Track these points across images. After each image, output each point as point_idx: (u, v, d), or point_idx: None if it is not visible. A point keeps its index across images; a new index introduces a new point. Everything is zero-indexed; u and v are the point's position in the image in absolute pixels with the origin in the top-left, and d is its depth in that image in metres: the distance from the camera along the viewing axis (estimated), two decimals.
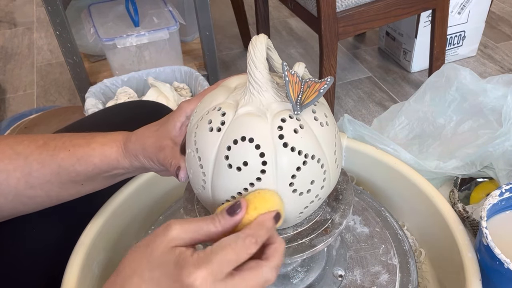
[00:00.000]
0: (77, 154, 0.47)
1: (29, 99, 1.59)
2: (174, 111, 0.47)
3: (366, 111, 1.43)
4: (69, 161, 0.47)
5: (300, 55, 1.75)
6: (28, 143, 0.47)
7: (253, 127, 0.39)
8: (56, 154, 0.47)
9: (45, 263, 0.54)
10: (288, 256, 0.43)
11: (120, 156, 0.47)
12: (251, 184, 0.39)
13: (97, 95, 1.17)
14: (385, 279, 0.53)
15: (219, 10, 2.04)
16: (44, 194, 0.48)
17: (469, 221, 0.63)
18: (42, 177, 0.47)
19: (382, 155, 0.66)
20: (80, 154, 0.47)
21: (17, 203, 0.48)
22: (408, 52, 1.54)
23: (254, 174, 0.38)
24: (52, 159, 0.47)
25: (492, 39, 1.74)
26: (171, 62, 1.32)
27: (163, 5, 1.34)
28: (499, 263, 0.44)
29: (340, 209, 0.47)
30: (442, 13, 1.28)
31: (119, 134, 0.48)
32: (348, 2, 1.13)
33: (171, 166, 0.43)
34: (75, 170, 0.47)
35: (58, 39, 1.15)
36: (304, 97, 0.40)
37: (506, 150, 0.69)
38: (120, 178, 0.51)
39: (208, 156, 0.40)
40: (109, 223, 0.59)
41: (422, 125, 0.83)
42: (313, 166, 0.40)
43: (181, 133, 0.47)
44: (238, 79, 0.45)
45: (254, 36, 0.41)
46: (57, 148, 0.47)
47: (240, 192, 0.39)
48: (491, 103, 0.78)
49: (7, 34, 2.02)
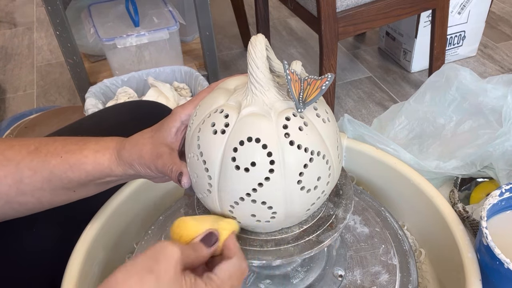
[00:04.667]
0: (70, 161, 0.46)
1: (29, 99, 1.59)
2: (168, 117, 0.47)
3: (366, 111, 1.43)
4: (61, 168, 0.46)
5: (300, 55, 1.75)
6: (19, 148, 0.46)
7: (258, 127, 0.39)
8: (48, 161, 0.46)
9: (45, 263, 0.54)
10: (297, 254, 0.43)
11: (113, 164, 0.46)
12: (260, 184, 0.39)
13: (97, 95, 1.17)
14: (385, 279, 0.53)
15: (219, 10, 2.04)
16: (35, 201, 0.47)
17: (469, 221, 0.63)
18: (33, 184, 0.46)
19: (382, 155, 0.66)
20: (72, 161, 0.46)
21: (7, 209, 0.47)
22: (408, 52, 1.54)
23: (262, 174, 0.38)
24: (44, 166, 0.46)
25: (492, 39, 1.73)
26: (171, 62, 1.32)
27: (163, 5, 1.34)
28: (499, 263, 0.44)
29: (342, 203, 0.48)
30: (442, 13, 1.28)
31: (112, 141, 0.47)
32: (348, 2, 1.13)
33: (172, 172, 0.43)
34: (67, 177, 0.46)
35: (58, 39, 1.15)
36: (305, 95, 0.40)
37: (506, 150, 0.69)
38: (112, 184, 0.50)
39: (213, 159, 0.40)
40: (109, 223, 0.59)
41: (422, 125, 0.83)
42: (319, 162, 0.40)
43: (177, 139, 0.46)
44: (236, 81, 0.45)
45: (253, 36, 0.41)
46: (49, 154, 0.46)
47: (248, 193, 0.39)
48: (491, 103, 0.78)
49: (7, 34, 2.02)
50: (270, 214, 0.41)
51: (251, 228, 0.45)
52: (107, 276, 0.32)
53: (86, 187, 0.49)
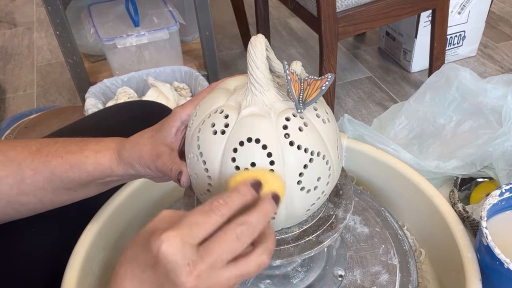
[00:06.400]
0: (70, 161, 0.46)
1: (29, 99, 1.59)
2: (168, 117, 0.47)
3: (366, 111, 1.43)
4: (62, 168, 0.46)
5: (300, 55, 1.75)
6: (21, 149, 0.47)
7: (258, 128, 0.39)
8: (48, 161, 0.46)
9: (45, 263, 0.54)
10: (297, 254, 0.43)
11: (114, 164, 0.46)
12: None
13: (97, 95, 1.17)
14: (385, 279, 0.53)
15: (219, 10, 2.04)
16: (37, 201, 0.48)
17: (469, 221, 0.63)
18: (34, 184, 0.46)
19: (382, 155, 0.66)
20: (73, 161, 0.46)
21: (8, 209, 0.47)
22: (408, 52, 1.54)
23: None
24: (45, 166, 0.46)
25: (492, 39, 1.73)
26: (171, 62, 1.32)
27: (163, 5, 1.34)
28: (499, 263, 0.45)
29: (342, 204, 0.48)
30: (442, 13, 1.28)
31: (113, 142, 0.48)
32: (348, 2, 1.13)
33: (172, 171, 0.43)
34: (68, 177, 0.46)
35: (58, 39, 1.15)
36: (305, 95, 0.40)
37: (506, 150, 0.69)
38: (113, 184, 0.51)
39: (213, 160, 0.40)
40: (109, 223, 0.59)
41: (422, 125, 0.83)
42: (319, 163, 0.40)
43: (177, 139, 0.46)
44: (236, 81, 0.45)
45: (253, 37, 0.41)
46: (50, 154, 0.46)
47: None
48: (491, 103, 0.78)
49: (7, 34, 2.02)
50: None
51: None
52: (107, 276, 0.33)
53: (87, 187, 0.49)
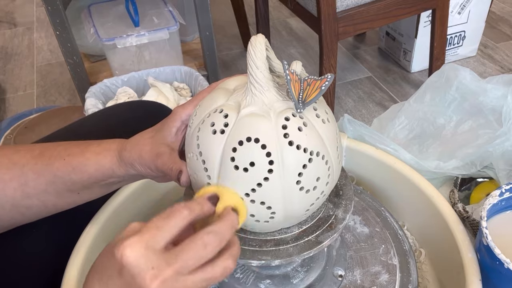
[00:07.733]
0: (72, 164, 0.47)
1: (29, 99, 1.59)
2: (168, 117, 0.47)
3: (366, 111, 1.43)
4: (64, 170, 0.47)
5: (300, 55, 1.75)
6: (24, 153, 0.48)
7: (257, 127, 0.39)
8: (51, 164, 0.47)
9: (44, 264, 0.54)
10: (296, 254, 0.43)
11: (115, 165, 0.47)
12: (259, 184, 0.39)
13: (97, 95, 1.17)
14: (385, 279, 0.53)
15: (219, 10, 2.04)
16: (41, 204, 0.48)
17: (469, 221, 0.63)
18: (38, 187, 0.47)
19: (382, 155, 0.66)
20: (75, 163, 0.47)
21: (15, 213, 0.48)
22: (408, 52, 1.54)
23: (261, 174, 0.38)
24: (47, 169, 0.47)
25: (492, 39, 1.73)
26: (171, 62, 1.32)
27: (163, 5, 1.34)
28: (499, 263, 0.44)
29: (342, 204, 0.48)
30: (442, 13, 1.28)
31: (113, 143, 0.48)
32: (348, 2, 1.13)
33: (172, 171, 0.43)
34: (71, 179, 0.47)
35: (58, 39, 1.15)
36: (305, 95, 0.40)
37: (506, 150, 0.69)
38: (116, 186, 0.51)
39: (212, 159, 0.40)
40: (109, 223, 0.59)
41: (422, 125, 0.83)
42: (318, 163, 0.40)
43: (177, 139, 0.47)
44: (236, 81, 0.45)
45: (252, 37, 0.41)
46: (52, 157, 0.47)
47: (247, 193, 0.39)
48: (491, 103, 0.78)
49: (7, 34, 2.02)
50: (269, 214, 0.41)
51: (250, 228, 0.45)
52: None
53: (90, 189, 0.49)
